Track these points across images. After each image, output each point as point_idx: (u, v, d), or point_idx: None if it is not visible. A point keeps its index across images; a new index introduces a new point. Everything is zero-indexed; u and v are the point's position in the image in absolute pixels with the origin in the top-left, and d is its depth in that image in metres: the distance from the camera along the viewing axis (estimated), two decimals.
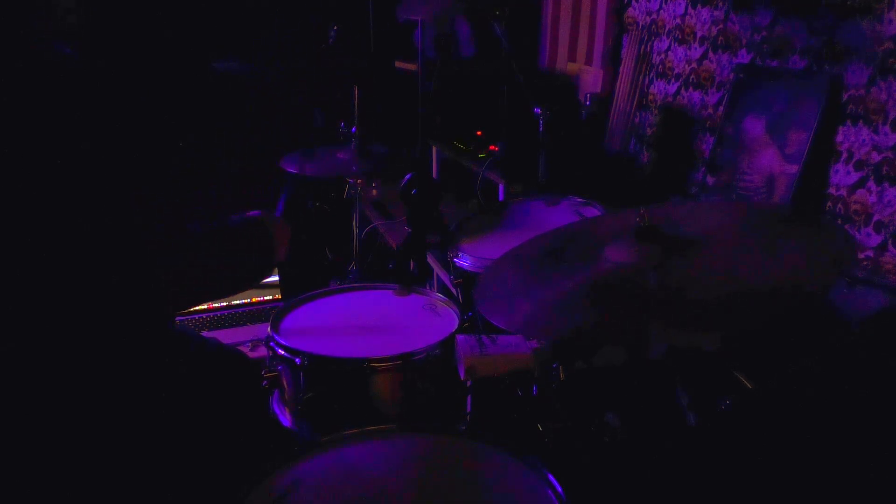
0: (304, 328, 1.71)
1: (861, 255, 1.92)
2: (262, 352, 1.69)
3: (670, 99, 2.70)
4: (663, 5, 2.71)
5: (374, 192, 3.26)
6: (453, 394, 1.63)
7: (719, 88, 2.46)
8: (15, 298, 1.07)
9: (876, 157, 1.90)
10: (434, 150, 3.25)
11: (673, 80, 2.69)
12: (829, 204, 2.03)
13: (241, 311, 2.64)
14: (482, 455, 1.22)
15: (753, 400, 1.44)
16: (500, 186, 2.65)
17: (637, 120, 2.87)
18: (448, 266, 1.91)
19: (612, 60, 3.00)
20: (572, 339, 1.42)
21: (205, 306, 2.60)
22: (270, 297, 2.69)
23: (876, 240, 1.90)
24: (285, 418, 1.63)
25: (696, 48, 2.56)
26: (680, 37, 2.64)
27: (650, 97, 2.82)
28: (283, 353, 1.59)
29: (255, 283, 1.44)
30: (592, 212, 1.99)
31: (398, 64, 3.59)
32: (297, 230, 1.53)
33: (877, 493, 1.34)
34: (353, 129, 2.40)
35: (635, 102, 2.85)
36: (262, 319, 2.54)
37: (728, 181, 2.30)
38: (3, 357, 1.08)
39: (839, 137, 2.00)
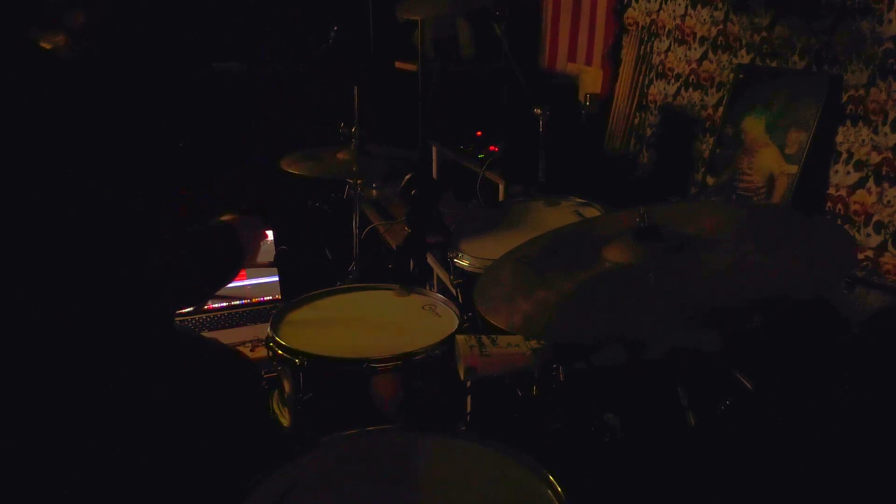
0: (304, 328, 1.70)
1: (861, 255, 1.92)
2: (262, 352, 1.69)
3: (670, 99, 2.70)
4: (663, 5, 2.71)
5: (374, 192, 3.27)
6: (453, 394, 1.63)
7: (719, 88, 2.46)
8: (16, 298, 1.07)
9: (876, 157, 1.90)
10: (434, 150, 3.25)
11: (673, 80, 2.69)
12: (829, 204, 2.03)
13: (241, 311, 2.63)
14: (482, 455, 1.21)
15: (753, 400, 1.44)
16: (500, 186, 2.65)
17: (637, 120, 2.87)
18: (448, 266, 1.91)
19: (612, 60, 3.00)
20: (572, 339, 1.42)
21: (205, 306, 2.59)
22: (270, 298, 2.69)
23: (876, 240, 1.90)
24: (285, 418, 1.63)
25: (696, 48, 2.56)
26: (680, 37, 2.64)
27: (650, 97, 2.82)
28: (282, 353, 1.59)
29: (218, 289, 1.46)
30: (592, 212, 1.99)
31: (398, 64, 3.59)
32: (297, 230, 1.53)
33: (877, 493, 1.34)
34: (353, 129, 2.39)
35: (635, 102, 2.85)
36: (262, 319, 2.53)
37: (728, 181, 2.30)
38: (5, 357, 1.08)
39: (839, 137, 2.00)
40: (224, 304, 2.63)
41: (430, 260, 2.51)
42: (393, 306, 1.81)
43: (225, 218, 1.48)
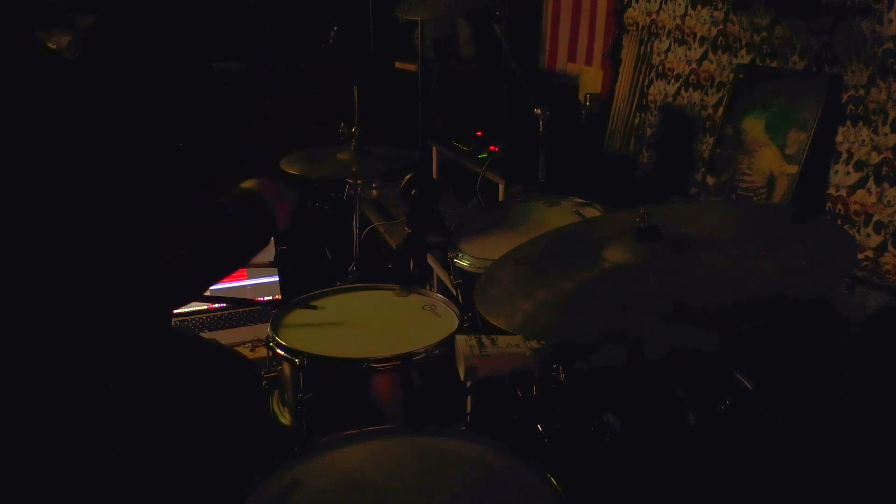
0: (304, 328, 1.70)
1: (861, 255, 1.92)
2: (262, 352, 1.69)
3: (670, 99, 2.70)
4: (663, 5, 2.71)
5: (374, 192, 3.27)
6: (453, 394, 1.63)
7: (719, 88, 2.46)
8: (16, 298, 1.07)
9: (876, 157, 1.90)
10: (434, 150, 3.25)
11: (673, 80, 2.69)
12: (829, 204, 2.03)
13: (241, 312, 2.63)
14: (482, 455, 1.21)
15: (753, 400, 1.44)
16: (500, 186, 2.65)
17: (637, 120, 2.87)
18: (448, 266, 1.91)
19: (612, 60, 3.00)
20: (572, 339, 1.42)
21: (205, 306, 2.59)
22: (270, 298, 2.69)
23: (876, 240, 1.90)
24: (285, 418, 1.63)
25: (696, 48, 2.56)
26: (680, 37, 2.64)
27: (650, 97, 2.82)
28: (282, 353, 1.59)
29: (251, 258, 1.42)
30: (592, 212, 1.99)
31: (398, 64, 3.59)
32: (297, 230, 1.53)
33: (877, 493, 1.34)
34: (353, 129, 2.39)
35: (635, 103, 2.85)
36: (262, 319, 2.53)
37: (728, 181, 2.30)
38: (5, 357, 1.08)
39: (839, 137, 2.00)
40: (224, 304, 2.63)
41: (430, 260, 2.51)
42: (393, 306, 1.81)
43: (247, 184, 1.45)
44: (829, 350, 1.62)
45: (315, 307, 1.79)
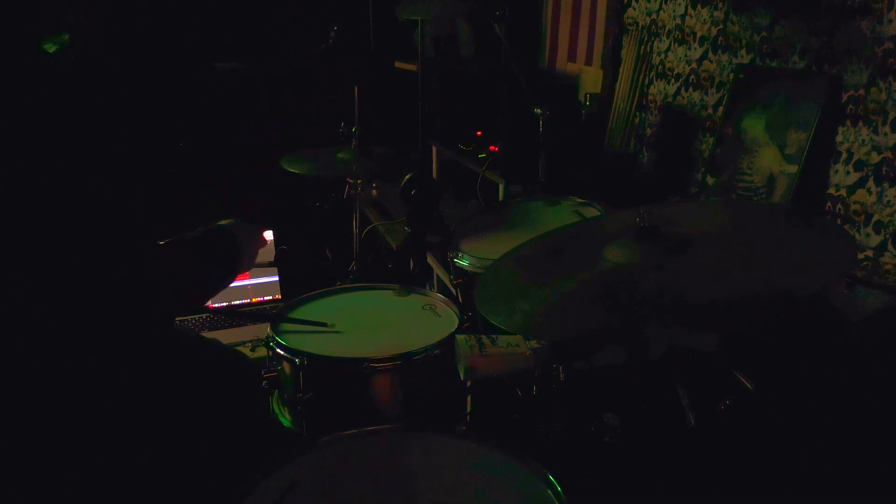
0: (303, 328, 1.70)
1: (861, 255, 1.92)
2: (262, 352, 1.69)
3: (670, 99, 2.70)
4: (663, 5, 2.72)
5: (374, 192, 3.27)
6: (453, 394, 1.63)
7: (719, 88, 2.46)
8: (16, 298, 1.07)
9: (876, 157, 1.90)
10: (434, 150, 3.25)
11: (673, 80, 2.69)
12: (829, 204, 2.03)
13: (242, 312, 2.63)
14: (482, 455, 1.21)
15: (753, 400, 1.44)
16: (500, 186, 2.65)
17: (637, 120, 2.87)
18: (448, 266, 1.91)
19: (612, 60, 3.00)
20: (572, 339, 1.42)
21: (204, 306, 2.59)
22: (270, 298, 2.69)
23: (876, 240, 1.90)
24: (285, 418, 1.63)
25: (696, 48, 2.56)
26: (680, 37, 2.64)
27: (650, 97, 2.82)
28: (282, 353, 1.59)
29: (214, 294, 1.44)
30: (592, 212, 1.99)
31: (398, 64, 3.59)
32: (297, 230, 1.53)
33: (877, 493, 1.34)
34: (353, 129, 2.39)
35: (635, 102, 2.85)
36: (263, 319, 2.53)
37: (728, 181, 2.30)
38: (5, 357, 1.08)
39: (839, 137, 2.00)
40: (224, 304, 2.63)
41: (430, 260, 2.51)
42: (393, 306, 1.81)
43: (223, 222, 1.47)
44: (829, 350, 1.62)
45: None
